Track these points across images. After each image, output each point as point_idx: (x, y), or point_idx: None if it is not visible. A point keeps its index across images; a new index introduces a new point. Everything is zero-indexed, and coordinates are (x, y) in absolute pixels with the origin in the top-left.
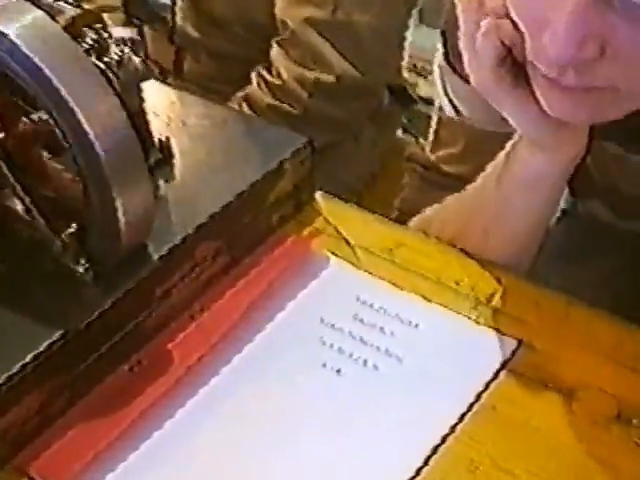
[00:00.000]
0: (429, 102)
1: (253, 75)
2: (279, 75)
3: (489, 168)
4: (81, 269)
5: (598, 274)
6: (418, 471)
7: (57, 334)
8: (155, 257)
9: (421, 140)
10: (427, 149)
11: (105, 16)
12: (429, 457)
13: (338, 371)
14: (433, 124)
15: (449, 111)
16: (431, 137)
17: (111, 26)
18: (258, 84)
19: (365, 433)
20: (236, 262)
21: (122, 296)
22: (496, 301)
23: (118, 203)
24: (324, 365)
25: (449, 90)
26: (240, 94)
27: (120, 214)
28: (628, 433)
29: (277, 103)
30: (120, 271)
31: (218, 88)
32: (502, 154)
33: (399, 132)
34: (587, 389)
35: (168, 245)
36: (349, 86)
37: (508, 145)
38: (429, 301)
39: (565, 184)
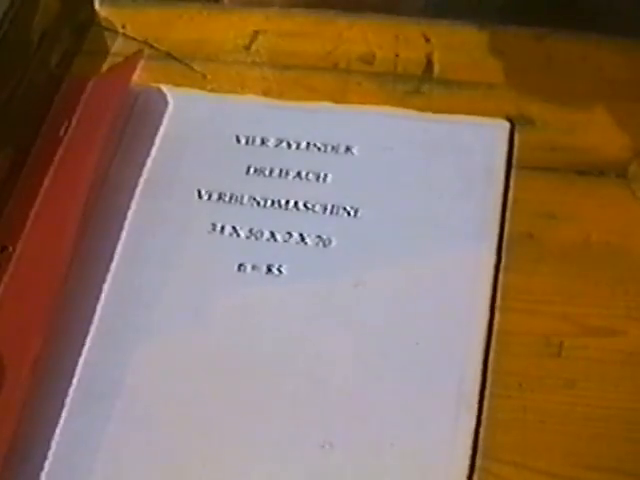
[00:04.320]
0: None
1: None
2: None
3: None
4: None
5: None
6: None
7: None
8: None
9: None
10: None
11: None
12: (486, 353)
13: (269, 269)
14: None
15: None
16: None
17: None
18: None
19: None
20: (27, 151)
21: None
22: (439, 70)
23: None
24: (241, 267)
25: None
26: None
27: None
28: None
29: None
30: None
31: None
32: None
33: None
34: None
35: None
36: None
37: None
38: (345, 104)
39: None
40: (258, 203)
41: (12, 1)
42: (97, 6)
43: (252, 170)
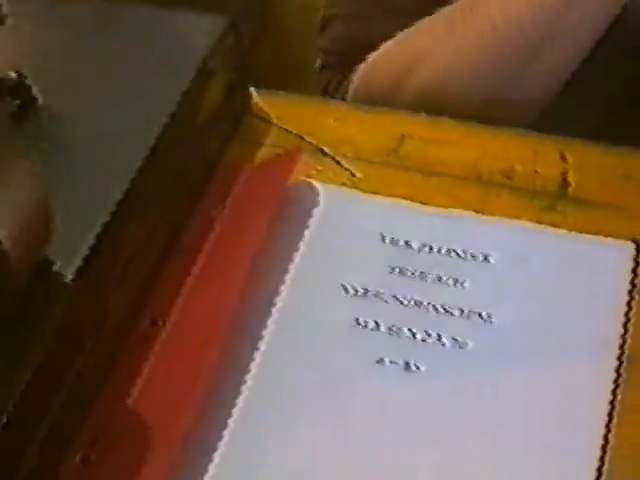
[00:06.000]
0: None
1: None
2: None
3: None
4: None
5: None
6: None
7: None
8: (69, 276)
9: None
10: None
11: None
12: (601, 464)
13: (407, 365)
14: None
15: None
16: None
17: None
18: None
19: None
20: (181, 230)
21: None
22: (574, 188)
23: None
24: (380, 361)
25: None
26: None
27: None
28: None
29: None
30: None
31: None
32: None
33: None
34: None
35: (81, 251)
36: None
37: None
38: (482, 214)
39: None
40: (400, 301)
41: (185, 91)
42: (253, 95)
43: (396, 270)
